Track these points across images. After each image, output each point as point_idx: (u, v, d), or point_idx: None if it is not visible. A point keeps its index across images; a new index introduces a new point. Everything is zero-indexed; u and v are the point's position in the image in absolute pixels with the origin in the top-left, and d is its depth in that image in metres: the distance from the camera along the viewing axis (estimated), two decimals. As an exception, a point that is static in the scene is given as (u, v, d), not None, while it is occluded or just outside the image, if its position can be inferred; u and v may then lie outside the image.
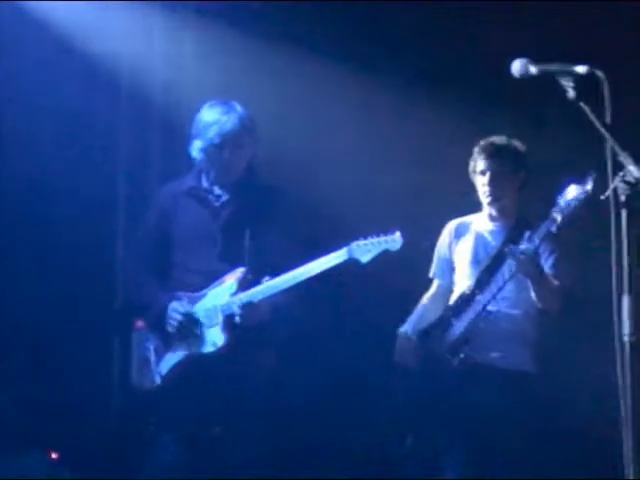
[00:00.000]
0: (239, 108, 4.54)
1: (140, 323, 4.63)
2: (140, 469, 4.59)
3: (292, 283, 4.34)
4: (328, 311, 5.40)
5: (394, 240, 4.29)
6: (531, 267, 4.33)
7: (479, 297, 4.46)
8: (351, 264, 4.32)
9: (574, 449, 5.22)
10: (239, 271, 4.47)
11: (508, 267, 4.38)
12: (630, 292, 3.13)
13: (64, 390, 5.30)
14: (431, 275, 4.82)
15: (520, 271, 4.34)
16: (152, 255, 4.67)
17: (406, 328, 4.69)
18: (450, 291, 4.71)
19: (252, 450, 4.49)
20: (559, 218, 4.18)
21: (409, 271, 5.05)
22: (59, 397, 5.28)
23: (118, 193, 5.68)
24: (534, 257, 4.30)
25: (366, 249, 4.29)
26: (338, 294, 5.20)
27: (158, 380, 4.50)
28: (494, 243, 4.61)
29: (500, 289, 4.41)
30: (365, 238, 4.32)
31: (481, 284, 4.49)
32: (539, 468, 4.46)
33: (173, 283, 4.60)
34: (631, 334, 3.13)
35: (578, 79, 3.31)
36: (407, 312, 4.80)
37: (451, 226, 4.77)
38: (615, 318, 3.17)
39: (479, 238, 4.66)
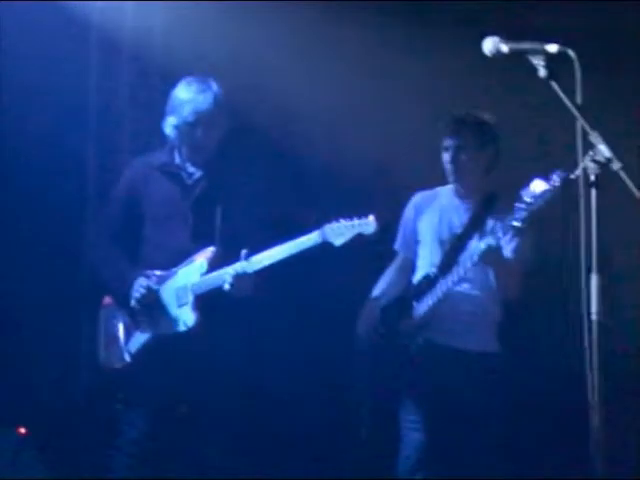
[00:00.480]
0: (215, 87, 4.52)
1: (108, 300, 4.62)
2: (108, 446, 4.57)
3: (268, 263, 4.32)
4: (300, 290, 5.37)
5: (368, 224, 4.26)
6: (493, 259, 4.29)
7: (441, 281, 4.41)
8: (324, 246, 4.29)
9: (539, 428, 5.23)
10: (209, 250, 4.45)
11: (470, 257, 4.33)
12: (598, 271, 3.15)
13: (31, 366, 5.25)
14: (396, 247, 4.78)
15: (482, 262, 4.29)
16: (121, 230, 4.64)
17: (369, 306, 4.67)
18: (414, 264, 4.68)
19: (222, 428, 4.49)
20: (524, 214, 4.09)
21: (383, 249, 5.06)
22: (26, 373, 5.24)
23: (87, 159, 5.59)
24: (497, 250, 4.26)
25: (339, 232, 4.26)
26: (310, 272, 5.18)
27: (127, 358, 4.50)
28: (459, 222, 4.56)
29: (461, 278, 4.36)
30: (338, 221, 4.29)
31: (444, 268, 4.45)
32: (505, 449, 4.46)
33: (142, 259, 4.58)
34: (598, 312, 3.15)
35: (549, 58, 3.32)
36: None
37: (416, 199, 4.73)
38: (584, 297, 3.19)
39: (444, 215, 4.61)
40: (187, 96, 4.50)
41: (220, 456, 4.44)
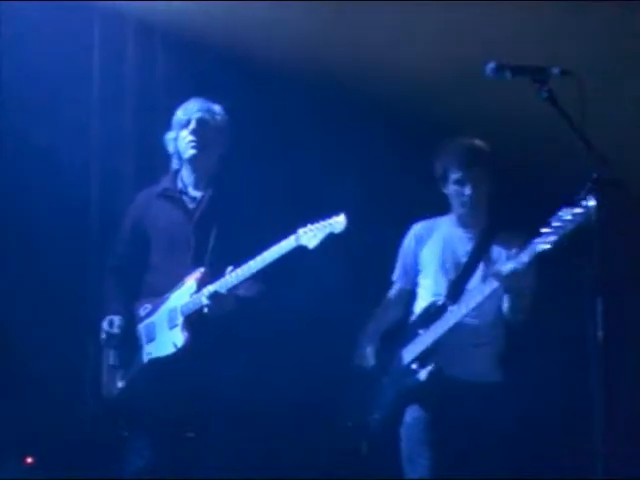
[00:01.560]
0: (217, 108, 4.63)
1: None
2: (114, 475, 4.57)
3: (249, 273, 4.32)
4: (290, 301, 5.34)
5: (337, 222, 4.21)
6: (517, 286, 4.22)
7: (451, 309, 4.36)
8: (300, 251, 4.27)
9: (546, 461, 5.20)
10: (198, 271, 4.46)
11: (489, 284, 4.26)
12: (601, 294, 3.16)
13: (36, 396, 5.21)
14: (394, 278, 4.72)
15: (505, 291, 4.26)
16: (126, 259, 4.68)
17: (368, 332, 4.64)
18: (412, 294, 4.64)
19: (225, 449, 4.46)
20: (554, 237, 3.99)
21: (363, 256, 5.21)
22: (31, 403, 5.21)
23: (90, 179, 5.53)
24: (521, 276, 4.18)
25: (312, 234, 4.23)
26: (296, 284, 5.18)
27: (121, 384, 4.51)
28: (463, 251, 4.52)
29: (479, 305, 4.30)
30: (312, 224, 4.26)
31: (453, 295, 4.41)
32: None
33: (149, 286, 4.60)
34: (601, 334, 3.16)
35: (552, 79, 3.33)
36: (367, 300, 4.82)
37: (416, 230, 4.68)
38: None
39: (447, 244, 4.56)
40: (185, 110, 4.62)
41: (221, 474, 4.40)
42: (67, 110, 5.34)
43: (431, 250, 4.58)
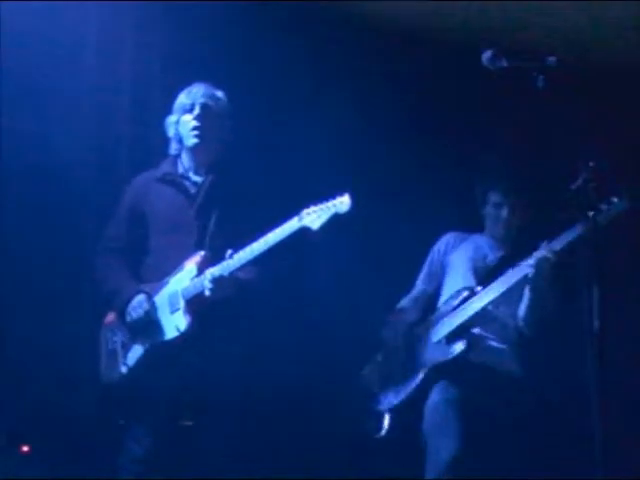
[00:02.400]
0: (220, 93, 4.62)
1: (110, 318, 4.60)
2: (113, 463, 4.53)
3: (252, 255, 4.29)
4: (291, 283, 5.31)
5: (342, 203, 4.16)
6: (548, 274, 4.32)
7: (481, 293, 4.47)
8: (304, 232, 4.22)
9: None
10: (198, 255, 4.44)
11: (521, 271, 4.37)
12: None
13: (34, 383, 5.21)
14: (418, 281, 4.86)
15: (536, 276, 4.33)
16: (126, 246, 4.63)
17: (396, 308, 4.74)
18: (433, 297, 4.76)
19: (225, 436, 4.45)
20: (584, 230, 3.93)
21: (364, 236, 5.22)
22: (28, 390, 5.20)
23: (88, 168, 5.53)
24: (553, 264, 4.29)
25: (316, 215, 4.19)
26: (298, 268, 5.17)
27: (124, 370, 4.47)
28: (494, 257, 4.67)
29: (510, 290, 4.41)
30: (315, 204, 4.23)
31: (484, 283, 4.51)
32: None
33: (150, 270, 4.57)
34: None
35: (548, 69, 3.32)
36: (372, 281, 4.90)
37: (448, 237, 4.85)
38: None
39: (478, 249, 4.73)
40: (189, 95, 4.60)
41: (223, 460, 4.39)
42: (62, 97, 5.32)
43: (461, 254, 4.74)
